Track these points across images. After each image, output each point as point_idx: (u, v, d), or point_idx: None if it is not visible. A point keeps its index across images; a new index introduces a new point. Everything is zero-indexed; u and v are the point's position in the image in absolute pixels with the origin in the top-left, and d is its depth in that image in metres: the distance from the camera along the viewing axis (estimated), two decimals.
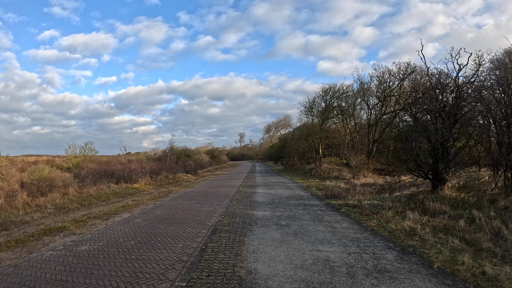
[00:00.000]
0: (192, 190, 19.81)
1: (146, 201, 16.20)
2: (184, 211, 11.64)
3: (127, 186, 24.75)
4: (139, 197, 18.13)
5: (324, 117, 30.54)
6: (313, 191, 16.98)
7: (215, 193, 16.97)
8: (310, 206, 11.92)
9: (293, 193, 16.00)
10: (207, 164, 55.66)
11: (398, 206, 11.35)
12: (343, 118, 34.41)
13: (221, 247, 6.75)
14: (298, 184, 21.11)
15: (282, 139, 57.46)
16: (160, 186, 27.07)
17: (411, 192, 14.73)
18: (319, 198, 14.12)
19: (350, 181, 23.23)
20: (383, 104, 29.34)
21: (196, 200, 14.51)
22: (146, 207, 13.79)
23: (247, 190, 17.68)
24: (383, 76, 28.91)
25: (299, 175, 30.13)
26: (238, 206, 12.18)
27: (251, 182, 23.88)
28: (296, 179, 25.85)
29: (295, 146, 39.59)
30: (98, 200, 18.44)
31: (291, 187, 19.45)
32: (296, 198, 14.07)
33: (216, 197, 15.23)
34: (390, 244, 6.94)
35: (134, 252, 6.71)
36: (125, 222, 10.38)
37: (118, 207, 14.80)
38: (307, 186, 19.63)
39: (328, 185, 20.89)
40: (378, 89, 29.40)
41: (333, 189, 18.09)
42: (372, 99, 30.70)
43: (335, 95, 29.89)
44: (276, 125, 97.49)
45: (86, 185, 22.58)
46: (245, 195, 15.51)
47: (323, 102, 30.64)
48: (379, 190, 20.75)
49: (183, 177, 34.66)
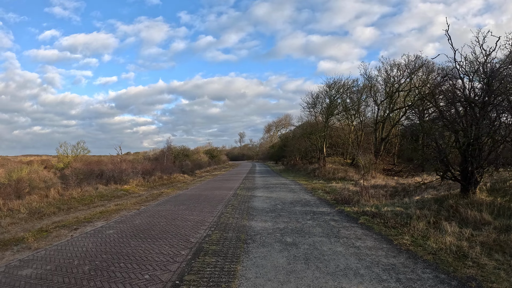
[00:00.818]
0: (185, 193, 17.82)
1: (130, 205, 14.27)
2: (167, 221, 9.62)
3: (116, 188, 22.82)
4: (125, 201, 16.26)
5: (328, 114, 28.49)
6: (320, 194, 14.95)
7: (209, 197, 14.95)
8: (320, 214, 9.87)
9: (297, 197, 13.96)
10: (205, 164, 53.88)
11: (427, 214, 9.31)
12: (347, 115, 32.38)
13: (202, 283, 4.71)
14: (301, 186, 19.07)
15: (283, 138, 55.41)
16: (152, 187, 25.17)
17: (435, 196, 12.67)
18: (328, 204, 12.08)
19: (359, 183, 21.23)
20: (392, 99, 27.29)
21: (186, 206, 12.49)
22: (128, 213, 11.85)
23: (245, 193, 15.65)
24: (391, 70, 26.87)
25: (301, 176, 28.08)
26: (233, 214, 10.14)
27: (250, 183, 21.86)
28: (299, 180, 23.81)
29: (297, 145, 37.56)
30: (79, 204, 16.58)
31: (295, 189, 17.41)
32: (302, 204, 12.02)
33: (209, 202, 13.21)
34: (442, 276, 4.91)
35: (82, 286, 4.70)
36: (94, 234, 8.40)
37: (96, 213, 12.90)
38: (312, 189, 17.60)
39: (335, 187, 18.87)
40: (386, 83, 27.37)
41: (342, 192, 16.08)
42: (380, 94, 28.69)
43: (340, 90, 27.86)
44: (276, 124, 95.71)
45: (71, 186, 20.68)
46: (242, 200, 13.47)
47: (327, 97, 28.65)
48: (393, 193, 18.72)
49: (178, 178, 32.72)
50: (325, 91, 28.52)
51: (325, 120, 28.68)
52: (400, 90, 27.26)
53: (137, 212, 11.87)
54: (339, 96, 28.15)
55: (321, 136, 28.85)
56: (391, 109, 28.00)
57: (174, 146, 51.42)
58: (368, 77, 27.29)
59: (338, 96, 28.00)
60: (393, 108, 28.02)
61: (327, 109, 28.38)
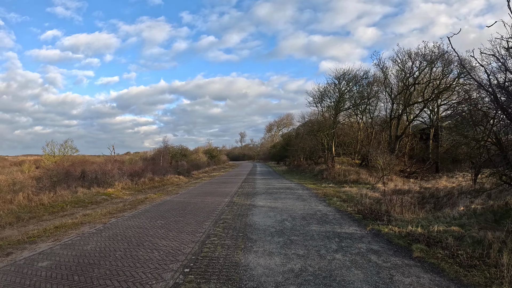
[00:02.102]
0: (172, 199, 14.87)
1: (100, 217, 11.45)
2: (129, 247, 6.65)
3: (97, 191, 20.00)
4: (100, 209, 13.60)
5: (337, 109, 25.44)
6: (337, 203, 11.93)
7: (198, 207, 11.95)
8: (349, 239, 6.84)
9: (309, 208, 10.93)
10: (204, 164, 51.12)
11: (504, 238, 6.29)
12: (357, 111, 29.34)
13: None
14: (311, 192, 16.04)
15: (286, 137, 52.33)
16: (140, 191, 22.29)
17: (491, 207, 9.63)
18: (353, 219, 9.05)
19: (377, 187, 18.25)
20: (409, 92, 24.25)
21: (164, 220, 9.50)
22: (89, 229, 9.06)
23: (243, 202, 12.62)
24: (408, 60, 23.82)
25: (308, 178, 25.07)
26: (224, 238, 7.11)
27: (250, 187, 18.85)
28: (306, 184, 20.81)
29: (301, 144, 34.54)
30: (46, 212, 13.98)
31: (303, 196, 14.39)
32: (318, 219, 8.99)
33: (195, 215, 10.21)
34: None
35: None
36: (16, 269, 5.50)
37: (51, 228, 10.21)
38: (324, 195, 14.58)
39: (351, 193, 15.87)
40: (404, 74, 24.31)
41: (362, 200, 13.08)
42: (394, 87, 25.64)
43: (350, 83, 24.75)
44: (278, 124, 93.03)
45: (43, 190, 17.83)
46: (238, 212, 10.46)
47: (336, 91, 25.48)
48: (421, 201, 15.71)
49: (172, 180, 29.82)
50: (334, 83, 25.53)
51: (334, 116, 25.58)
52: (416, 83, 24.24)
53: (100, 229, 8.97)
54: (349, 89, 25.09)
55: (329, 133, 25.86)
56: (407, 103, 24.96)
57: (171, 146, 49.07)
58: (383, 67, 24.24)
59: (348, 89, 24.92)
60: (409, 102, 25.00)
61: (336, 103, 25.31)
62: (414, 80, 23.93)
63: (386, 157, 19.03)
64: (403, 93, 25.32)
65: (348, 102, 26.11)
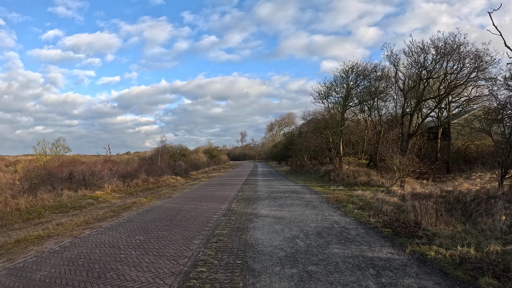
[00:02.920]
0: (162, 205, 13.06)
1: (73, 227, 9.92)
2: (87, 279, 4.84)
3: (84, 194, 18.30)
4: (76, 218, 11.97)
5: (345, 105, 23.50)
6: (354, 212, 10.05)
7: (190, 216, 10.09)
8: (388, 270, 4.96)
9: (323, 219, 9.05)
10: (203, 164, 49.42)
11: None
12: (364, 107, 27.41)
13: None
14: (320, 196, 14.17)
15: (288, 136, 50.38)
16: (131, 193, 20.56)
17: None
18: (382, 235, 7.17)
19: (393, 191, 16.39)
20: (424, 86, 22.34)
21: (146, 235, 7.66)
22: (53, 246, 7.68)
23: (243, 210, 10.75)
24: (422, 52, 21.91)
25: (313, 180, 23.19)
26: (215, 270, 5.18)
27: (251, 191, 16.99)
28: (313, 186, 18.94)
29: (305, 143, 32.65)
30: (20, 219, 12.75)
31: (313, 201, 12.51)
32: (338, 236, 7.10)
33: (185, 228, 8.36)
34: None
35: None
36: None
37: (13, 241, 8.46)
38: (336, 201, 12.71)
39: (366, 197, 14.00)
40: (417, 67, 22.40)
41: (381, 207, 11.22)
42: (406, 81, 23.71)
43: (359, 77, 22.78)
44: (279, 123, 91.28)
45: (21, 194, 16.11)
46: (237, 225, 8.59)
47: (344, 85, 23.53)
48: (447, 207, 13.82)
49: (169, 181, 28.05)
50: (341, 77, 23.58)
51: (342, 112, 23.63)
52: (430, 77, 22.33)
53: (65, 246, 7.29)
54: (358, 84, 23.18)
55: (337, 131, 23.97)
56: (421, 98, 23.06)
57: (170, 145, 47.48)
58: (395, 59, 22.28)
59: (357, 83, 23.00)
60: (423, 97, 23.09)
61: (345, 99, 23.37)
62: (428, 74, 22.03)
63: (403, 157, 17.16)
64: (415, 88, 23.42)
65: (356, 98, 24.21)
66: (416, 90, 23.52)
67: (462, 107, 25.34)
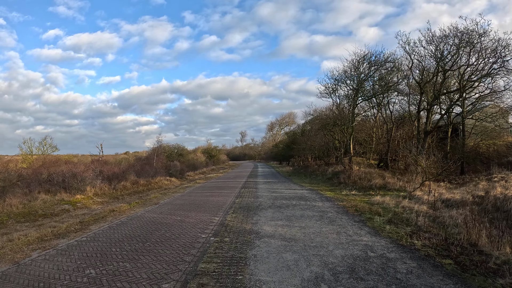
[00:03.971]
0: (143, 215, 10.73)
1: (21, 247, 8.16)
2: None
3: (62, 199, 15.98)
4: (35, 231, 9.79)
5: (356, 99, 21.06)
6: (386, 228, 7.67)
7: (170, 235, 7.70)
8: None
9: (350, 241, 6.65)
10: (201, 164, 47.16)
11: None
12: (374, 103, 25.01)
13: None
14: (334, 204, 11.79)
15: (291, 135, 47.90)
16: (116, 197, 18.26)
17: None
18: (447, 274, 4.76)
19: (416, 196, 14.04)
20: (444, 78, 19.96)
21: (101, 267, 5.30)
22: None
23: (241, 226, 8.34)
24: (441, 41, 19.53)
25: (321, 183, 20.79)
26: None
27: (251, 196, 14.62)
28: (322, 190, 16.58)
29: (309, 142, 30.26)
30: None
31: (328, 212, 10.11)
32: (385, 278, 4.69)
33: (159, 255, 5.98)
34: None
35: None
36: None
37: None
38: (356, 211, 10.33)
39: (388, 205, 11.66)
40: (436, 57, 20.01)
41: (413, 218, 8.84)
42: (424, 73, 21.33)
43: (372, 67, 20.32)
44: (280, 122, 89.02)
45: None
46: (230, 253, 6.19)
47: (355, 78, 21.03)
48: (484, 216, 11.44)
49: (162, 183, 25.69)
50: (351, 68, 21.05)
51: (352, 108, 21.16)
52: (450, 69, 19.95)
53: None
54: (371, 75, 20.71)
55: (347, 128, 21.58)
56: (440, 92, 20.70)
57: (167, 145, 45.38)
58: (411, 47, 19.81)
59: (370, 74, 20.52)
60: (443, 91, 20.73)
61: (356, 92, 20.91)
62: (448, 65, 19.64)
63: (429, 157, 14.78)
64: (432, 81, 21.06)
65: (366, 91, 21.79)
66: (433, 83, 21.17)
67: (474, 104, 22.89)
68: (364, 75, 20.44)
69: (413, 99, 22.96)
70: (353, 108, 20.74)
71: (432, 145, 22.94)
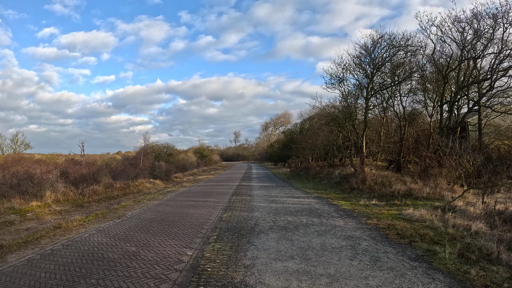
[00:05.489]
0: (86, 240, 7.29)
1: None
2: None
3: (11, 206, 12.75)
4: None
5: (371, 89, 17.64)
6: (472, 275, 4.35)
7: (115, 276, 4.32)
8: None
9: None
10: (192, 165, 44.07)
11: None
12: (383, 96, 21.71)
13: None
14: (360, 222, 8.45)
15: (288, 134, 44.50)
16: (81, 205, 15.05)
17: None
18: None
19: (458, 207, 10.83)
20: (474, 65, 16.80)
21: None
22: None
23: (226, 276, 4.98)
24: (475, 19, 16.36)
25: (328, 188, 17.47)
26: None
27: (244, 208, 11.25)
28: (333, 199, 13.28)
29: (310, 140, 26.95)
30: None
31: (360, 239, 6.77)
32: None
33: None
34: None
35: None
36: None
37: None
38: (398, 234, 7.04)
39: (432, 222, 8.40)
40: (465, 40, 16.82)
41: (499, 251, 5.56)
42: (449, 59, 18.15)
43: (391, 50, 16.93)
44: (275, 122, 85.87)
45: None
46: None
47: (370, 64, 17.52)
48: None
49: (143, 186, 22.27)
50: (365, 50, 17.58)
51: (366, 98, 17.72)
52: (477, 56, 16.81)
53: None
54: (389, 59, 17.27)
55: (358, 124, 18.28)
56: (467, 82, 17.53)
57: (156, 144, 42.44)
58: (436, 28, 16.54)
59: (388, 58, 17.07)
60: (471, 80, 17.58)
61: (371, 79, 17.43)
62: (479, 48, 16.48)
63: (476, 157, 11.53)
64: (457, 69, 17.92)
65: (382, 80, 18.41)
66: (459, 71, 18.02)
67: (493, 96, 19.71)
68: (380, 59, 17.14)
69: (432, 91, 19.75)
70: (367, 99, 17.45)
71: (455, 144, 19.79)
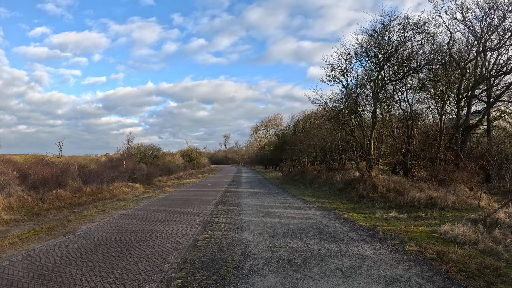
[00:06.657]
0: (10, 268, 4.50)
1: None
2: None
3: None
4: None
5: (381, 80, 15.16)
6: None
7: None
8: None
9: None
10: (178, 168, 41.54)
11: None
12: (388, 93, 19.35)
13: None
14: (396, 251, 5.92)
15: (280, 135, 41.94)
16: (37, 214, 12.37)
17: None
18: None
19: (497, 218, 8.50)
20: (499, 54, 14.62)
21: None
22: None
23: None
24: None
25: (331, 196, 14.96)
26: None
27: (230, 225, 8.67)
28: (343, 211, 10.79)
29: (306, 141, 24.52)
30: None
31: (408, 283, 4.28)
32: None
33: None
34: None
35: None
36: None
37: None
38: (460, 271, 4.54)
39: (484, 242, 5.91)
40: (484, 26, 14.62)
41: None
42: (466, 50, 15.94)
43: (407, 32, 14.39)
44: (265, 124, 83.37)
45: None
46: None
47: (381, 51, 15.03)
48: None
49: (119, 190, 19.49)
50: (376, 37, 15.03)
51: (376, 90, 15.17)
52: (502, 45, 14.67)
53: None
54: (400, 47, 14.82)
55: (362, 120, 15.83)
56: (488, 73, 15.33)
57: (140, 145, 40.18)
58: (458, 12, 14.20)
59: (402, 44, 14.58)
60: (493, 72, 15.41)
61: (381, 67, 14.94)
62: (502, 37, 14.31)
63: None
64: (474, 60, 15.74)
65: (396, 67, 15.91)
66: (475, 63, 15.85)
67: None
68: (392, 46, 14.78)
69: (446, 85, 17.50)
70: (377, 92, 15.01)
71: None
